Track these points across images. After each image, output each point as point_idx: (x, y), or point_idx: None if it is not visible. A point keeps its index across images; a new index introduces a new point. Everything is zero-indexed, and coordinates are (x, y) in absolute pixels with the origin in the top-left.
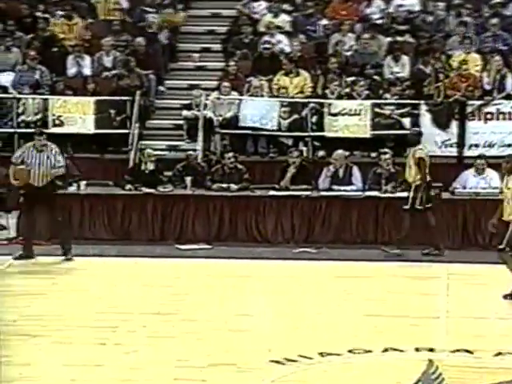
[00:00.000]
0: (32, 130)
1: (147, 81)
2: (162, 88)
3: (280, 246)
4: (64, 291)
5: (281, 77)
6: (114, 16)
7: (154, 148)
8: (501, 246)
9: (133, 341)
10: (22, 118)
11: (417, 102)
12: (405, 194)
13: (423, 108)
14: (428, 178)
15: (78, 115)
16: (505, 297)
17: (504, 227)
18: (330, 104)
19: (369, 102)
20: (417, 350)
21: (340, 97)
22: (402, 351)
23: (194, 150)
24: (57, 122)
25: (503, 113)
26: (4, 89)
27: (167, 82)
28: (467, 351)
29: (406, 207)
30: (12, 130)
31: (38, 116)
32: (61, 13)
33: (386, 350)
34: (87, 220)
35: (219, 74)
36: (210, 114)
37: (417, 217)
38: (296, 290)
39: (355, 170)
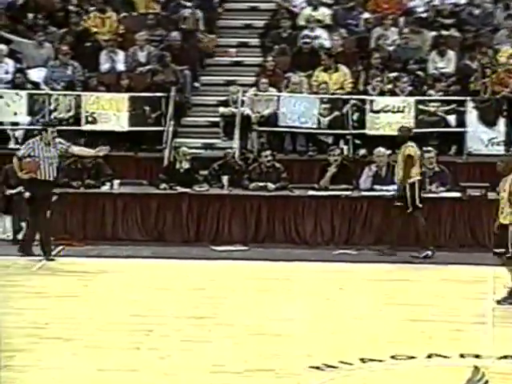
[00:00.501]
0: (64, 128)
1: (182, 77)
2: (197, 84)
3: (319, 247)
4: (96, 293)
5: (319, 73)
6: (152, 9)
7: (189, 146)
8: (509, 255)
9: (167, 345)
10: (54, 115)
11: (463, 98)
12: (452, 195)
13: (469, 105)
14: (417, 177)
15: (111, 112)
16: (498, 302)
17: (501, 230)
18: (371, 101)
19: (412, 99)
20: (462, 356)
21: (382, 93)
22: (446, 357)
23: (231, 148)
24: (90, 119)
25: None
26: (36, 85)
27: (203, 77)
28: None
29: (398, 204)
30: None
31: (71, 113)
32: (94, 7)
33: (429, 356)
34: (120, 220)
35: (257, 70)
36: (247, 110)
37: (407, 216)
38: (336, 294)
39: None
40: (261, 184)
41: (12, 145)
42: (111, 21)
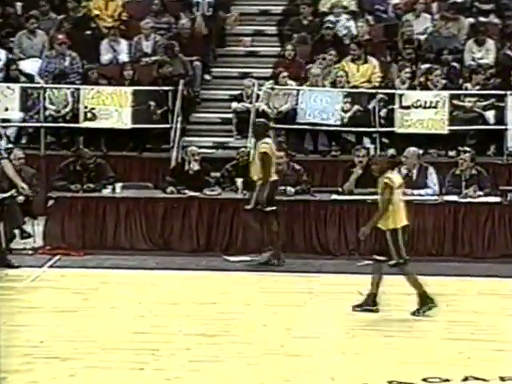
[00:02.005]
0: (60, 125)
1: (192, 68)
2: (208, 77)
3: (343, 258)
4: (97, 308)
5: (347, 63)
6: None
7: (199, 145)
8: (393, 262)
9: (175, 366)
10: (50, 111)
11: (502, 92)
12: (491, 199)
13: (510, 100)
14: (274, 177)
15: (113, 108)
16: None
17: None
18: (401, 95)
19: (446, 93)
20: (502, 379)
21: (413, 87)
22: (484, 380)
23: (245, 148)
24: (89, 115)
25: None
26: (29, 78)
27: (214, 69)
28: None
29: (248, 207)
30: (38, 125)
31: (68, 109)
32: None
33: (466, 379)
34: (123, 227)
35: (274, 61)
36: (263, 106)
37: (262, 219)
38: None
39: (430, 171)
40: (279, 188)
41: (3, 144)
42: (115, 5)
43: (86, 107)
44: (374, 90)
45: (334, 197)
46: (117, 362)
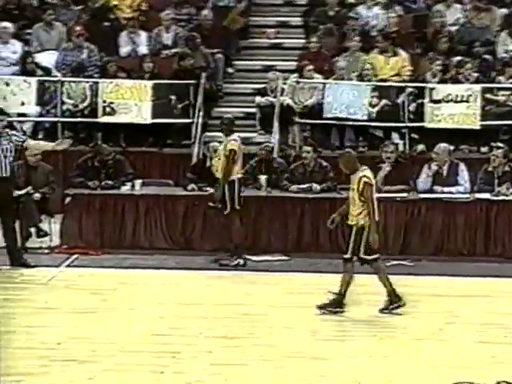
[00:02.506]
0: (78, 120)
1: (214, 61)
2: (231, 70)
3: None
4: (115, 309)
5: (374, 56)
6: None
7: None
8: (346, 256)
9: (196, 369)
10: (67, 105)
11: None
12: None
13: None
14: (238, 175)
15: (132, 102)
16: (319, 308)
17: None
18: (431, 89)
19: (478, 87)
20: None
21: (443, 80)
22: None
23: (269, 144)
24: (107, 109)
25: None
26: (46, 71)
27: (237, 62)
28: None
29: (227, 211)
30: (55, 119)
31: (86, 103)
32: None
33: None
34: (142, 225)
35: (299, 53)
36: (287, 100)
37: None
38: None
39: (462, 168)
40: (304, 185)
41: (18, 135)
42: None
43: (104, 101)
44: (403, 84)
45: None
46: (136, 364)
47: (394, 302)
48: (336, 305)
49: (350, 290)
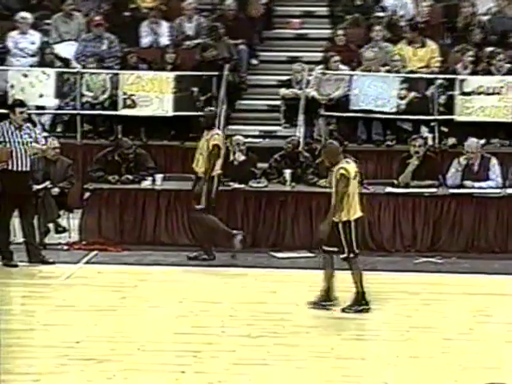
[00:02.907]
0: (98, 112)
1: (237, 52)
2: (255, 61)
3: (398, 254)
4: (135, 307)
5: (403, 46)
6: None
7: (244, 134)
8: (344, 256)
9: (218, 369)
10: (87, 97)
11: None
12: None
13: None
14: (218, 171)
15: (153, 94)
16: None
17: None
18: (462, 81)
19: (511, 79)
20: None
21: (475, 72)
22: None
23: (294, 137)
24: (128, 102)
25: None
26: (65, 62)
27: (261, 53)
28: None
29: (200, 207)
30: (74, 112)
31: (106, 95)
32: None
33: None
34: (163, 221)
35: (325, 44)
36: (313, 92)
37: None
38: (419, 309)
39: (493, 163)
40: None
41: (38, 132)
42: None
43: (124, 93)
44: (432, 76)
45: (389, 189)
46: (156, 364)
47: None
48: (359, 304)
49: (375, 289)
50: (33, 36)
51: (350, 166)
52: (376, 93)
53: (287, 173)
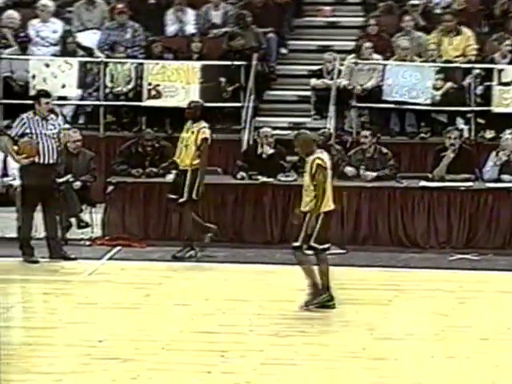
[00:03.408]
0: (122, 103)
1: (266, 41)
2: (284, 50)
3: (432, 251)
4: (160, 305)
5: (437, 35)
6: None
7: (273, 126)
8: (296, 244)
9: (245, 369)
10: (110, 88)
11: None
12: None
13: None
14: (205, 165)
15: (179, 84)
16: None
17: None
18: (500, 70)
19: None
20: None
21: None
22: None
23: (325, 129)
24: (153, 92)
25: None
26: (88, 51)
27: (291, 42)
28: None
29: (183, 200)
30: (98, 103)
31: (130, 85)
32: None
33: None
34: None
35: (357, 33)
36: (344, 82)
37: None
38: (455, 307)
39: None
40: (362, 173)
41: (60, 123)
42: None
43: (149, 84)
44: (469, 65)
45: (423, 183)
46: (182, 364)
47: (319, 294)
48: (316, 298)
49: (408, 287)
50: (54, 24)
51: (324, 156)
52: (410, 83)
53: None
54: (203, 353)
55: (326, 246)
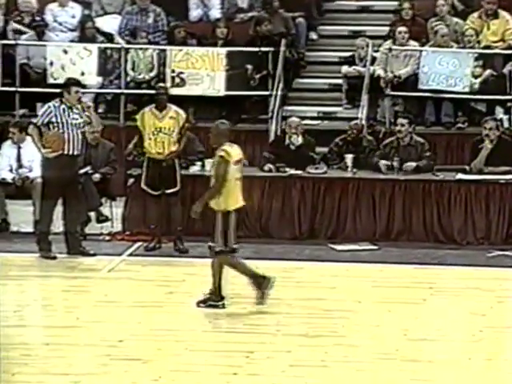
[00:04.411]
0: (144, 92)
1: (295, 26)
2: (314, 36)
3: (470, 247)
4: (183, 303)
5: (475, 20)
6: None
7: (302, 116)
8: (217, 249)
9: (272, 371)
10: (132, 75)
11: None
12: None
13: None
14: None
15: (204, 72)
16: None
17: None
18: None
19: None
20: None
21: None
22: None
23: (357, 119)
24: (177, 80)
25: None
26: (108, 37)
27: (321, 27)
28: None
29: (175, 190)
30: (118, 91)
31: (153, 73)
32: None
33: None
34: None
35: (391, 17)
36: (378, 70)
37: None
38: (493, 307)
39: None
40: (395, 165)
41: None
42: None
43: (173, 71)
44: (510, 51)
45: (460, 176)
46: (206, 365)
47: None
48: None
49: (444, 285)
50: (73, 9)
51: (233, 150)
52: (447, 71)
53: (349, 158)
54: (228, 353)
55: (234, 247)
